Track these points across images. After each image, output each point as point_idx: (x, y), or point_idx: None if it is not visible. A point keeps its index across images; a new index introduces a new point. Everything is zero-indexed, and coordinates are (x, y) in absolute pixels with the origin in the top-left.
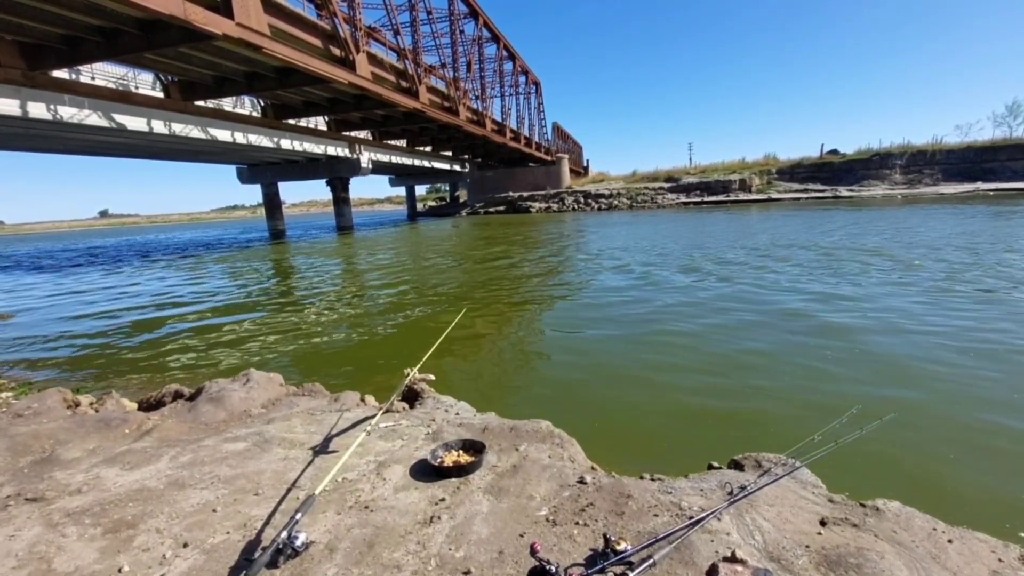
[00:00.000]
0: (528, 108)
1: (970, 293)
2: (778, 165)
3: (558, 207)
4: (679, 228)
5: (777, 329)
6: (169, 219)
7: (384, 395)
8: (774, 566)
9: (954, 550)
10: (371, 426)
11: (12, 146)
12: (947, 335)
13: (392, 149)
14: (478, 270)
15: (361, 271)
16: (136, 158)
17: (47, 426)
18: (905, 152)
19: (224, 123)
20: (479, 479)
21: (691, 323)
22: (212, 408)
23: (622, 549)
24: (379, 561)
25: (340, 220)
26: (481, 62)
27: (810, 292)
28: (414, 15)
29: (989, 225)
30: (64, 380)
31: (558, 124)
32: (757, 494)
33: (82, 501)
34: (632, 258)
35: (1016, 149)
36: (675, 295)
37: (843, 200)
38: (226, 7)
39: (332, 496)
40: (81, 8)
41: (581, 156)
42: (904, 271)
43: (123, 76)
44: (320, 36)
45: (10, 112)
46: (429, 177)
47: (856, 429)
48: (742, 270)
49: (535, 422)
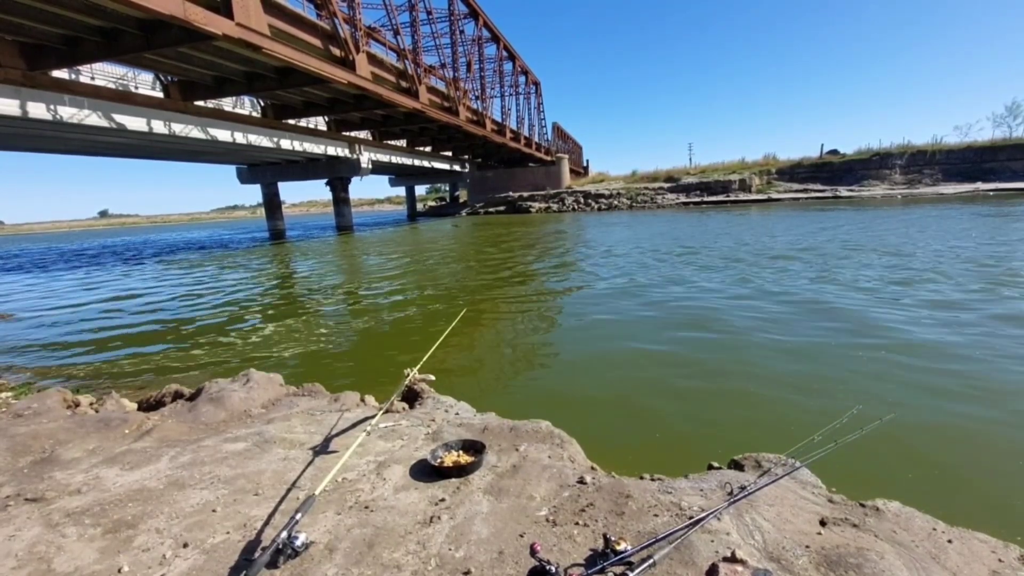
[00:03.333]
0: (528, 108)
1: (972, 294)
2: (778, 165)
3: (558, 207)
4: (679, 228)
5: (777, 329)
6: (169, 219)
7: (384, 395)
8: (774, 566)
9: (954, 550)
10: (371, 426)
11: (12, 146)
12: (948, 335)
13: (392, 149)
14: (478, 270)
15: (361, 271)
16: (136, 158)
17: (47, 426)
18: (905, 152)
19: (224, 123)
20: (479, 479)
21: (692, 323)
22: (212, 408)
23: (622, 549)
24: (379, 561)
25: (340, 220)
26: (481, 62)
27: (810, 292)
28: (414, 15)
29: (983, 224)
30: (64, 380)
31: (558, 124)
32: (757, 494)
33: (82, 501)
34: (633, 258)
35: (1016, 149)
36: (676, 295)
37: (843, 200)
38: (226, 7)
39: (332, 496)
40: (81, 8)
41: (581, 156)
42: (905, 270)
43: (123, 76)
44: (320, 36)
45: (10, 112)
46: (429, 177)
47: (856, 429)
48: (743, 270)
49: (535, 422)
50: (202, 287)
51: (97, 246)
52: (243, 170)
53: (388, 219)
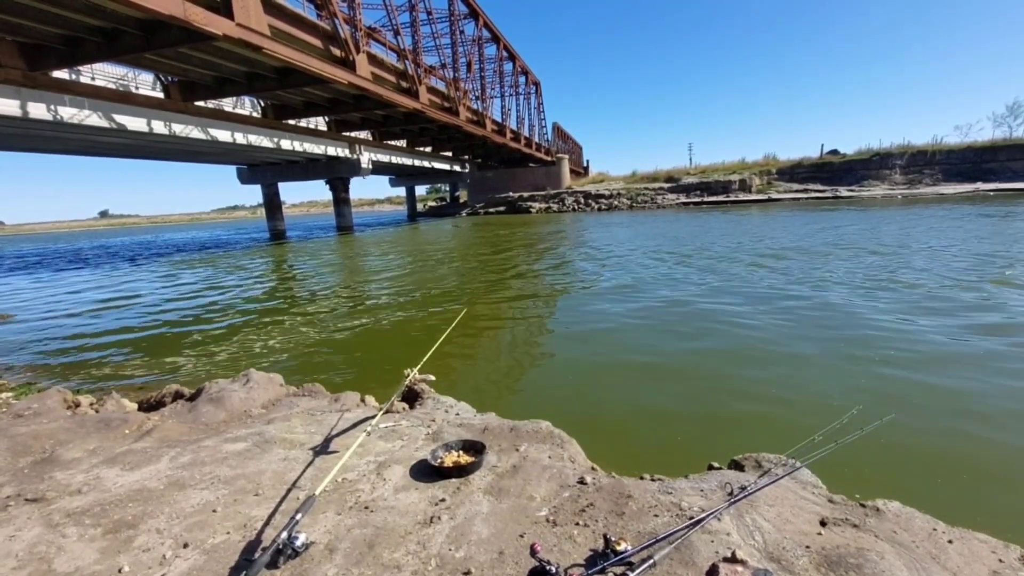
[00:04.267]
0: (528, 108)
1: (974, 293)
2: (778, 165)
3: (558, 207)
4: (680, 228)
5: (778, 330)
6: (169, 219)
7: (384, 395)
8: (774, 566)
9: (954, 550)
10: (371, 426)
11: (12, 146)
12: (949, 335)
13: (392, 149)
14: (478, 270)
15: (361, 271)
16: (136, 158)
17: (47, 426)
18: (905, 152)
19: (224, 123)
20: (479, 479)
21: (692, 323)
22: (212, 408)
23: (622, 549)
24: (379, 561)
25: (340, 220)
26: (481, 62)
27: (811, 292)
28: (414, 15)
29: (986, 224)
30: (64, 380)
31: (558, 124)
32: (757, 494)
33: (82, 501)
34: (633, 258)
35: (1016, 149)
36: (676, 295)
37: (843, 200)
38: (226, 7)
39: (332, 496)
40: (81, 8)
41: (581, 156)
42: (906, 271)
43: (123, 76)
44: (320, 36)
45: (10, 112)
46: (429, 177)
47: (856, 429)
48: (743, 270)
49: (535, 422)
50: (202, 287)
51: (98, 247)
52: (243, 170)
53: (388, 219)
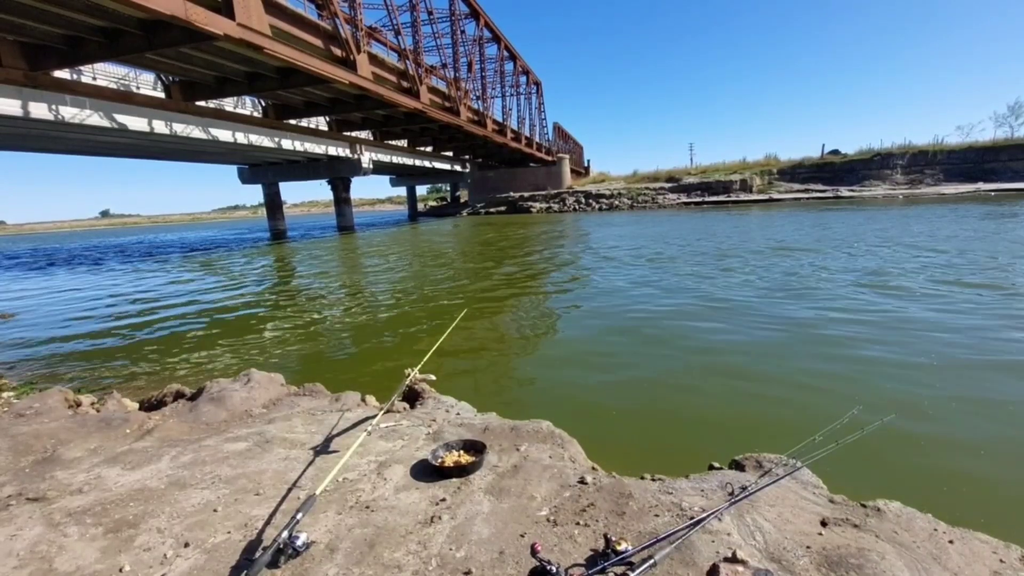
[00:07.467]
0: (529, 108)
1: (975, 294)
2: (779, 165)
3: (559, 207)
4: (680, 228)
5: (778, 330)
6: (170, 219)
7: (385, 395)
8: (775, 567)
9: (955, 551)
10: (372, 426)
11: (14, 146)
12: (950, 336)
13: (393, 149)
14: (479, 270)
15: (362, 271)
16: (137, 158)
17: (48, 426)
18: (906, 152)
19: (225, 123)
20: (480, 479)
21: (692, 324)
22: (213, 408)
23: (623, 549)
24: (380, 561)
25: (341, 220)
26: (482, 62)
27: (811, 293)
28: (415, 15)
29: (989, 224)
30: (65, 380)
31: (559, 124)
32: (758, 494)
33: (83, 501)
34: (633, 258)
35: (1017, 149)
36: (676, 295)
37: (844, 200)
38: (227, 7)
39: (333, 496)
40: (83, 8)
41: (582, 156)
42: (907, 271)
43: (124, 76)
44: (321, 36)
45: (12, 112)
46: (430, 177)
47: (857, 430)
48: (744, 270)
49: (536, 422)
50: (203, 287)
51: (96, 246)
52: (244, 170)
53: (389, 219)
